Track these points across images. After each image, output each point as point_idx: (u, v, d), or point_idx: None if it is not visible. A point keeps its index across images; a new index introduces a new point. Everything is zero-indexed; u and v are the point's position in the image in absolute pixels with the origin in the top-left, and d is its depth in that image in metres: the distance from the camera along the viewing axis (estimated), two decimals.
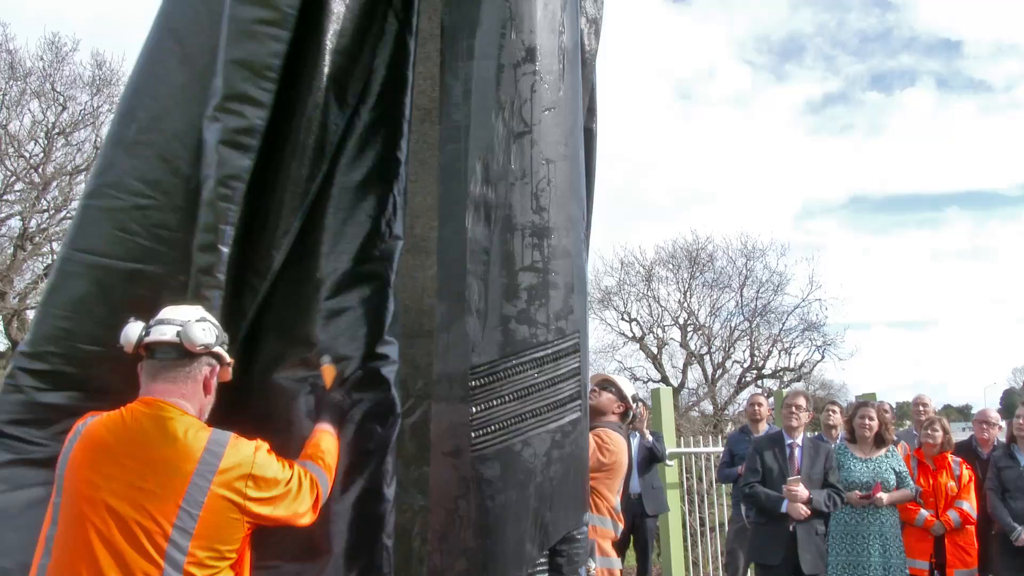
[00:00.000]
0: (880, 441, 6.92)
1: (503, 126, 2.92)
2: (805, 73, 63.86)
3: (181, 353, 2.60)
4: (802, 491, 6.39)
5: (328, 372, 2.95)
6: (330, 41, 3.01)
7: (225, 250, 2.80)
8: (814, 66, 64.18)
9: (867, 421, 6.92)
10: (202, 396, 2.66)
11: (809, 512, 6.39)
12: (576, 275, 2.99)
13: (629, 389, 5.39)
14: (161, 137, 2.92)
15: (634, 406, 5.29)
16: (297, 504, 2.62)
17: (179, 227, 2.87)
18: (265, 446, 2.62)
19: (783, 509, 6.43)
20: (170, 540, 2.40)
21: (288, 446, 2.76)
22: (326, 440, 2.82)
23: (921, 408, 8.51)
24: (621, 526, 4.83)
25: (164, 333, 2.60)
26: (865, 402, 7.83)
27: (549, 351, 2.88)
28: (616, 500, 4.76)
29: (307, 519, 2.66)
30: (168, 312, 2.66)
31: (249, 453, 2.54)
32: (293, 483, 2.61)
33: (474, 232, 2.86)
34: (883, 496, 6.60)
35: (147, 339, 2.61)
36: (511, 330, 2.83)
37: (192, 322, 2.62)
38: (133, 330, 2.64)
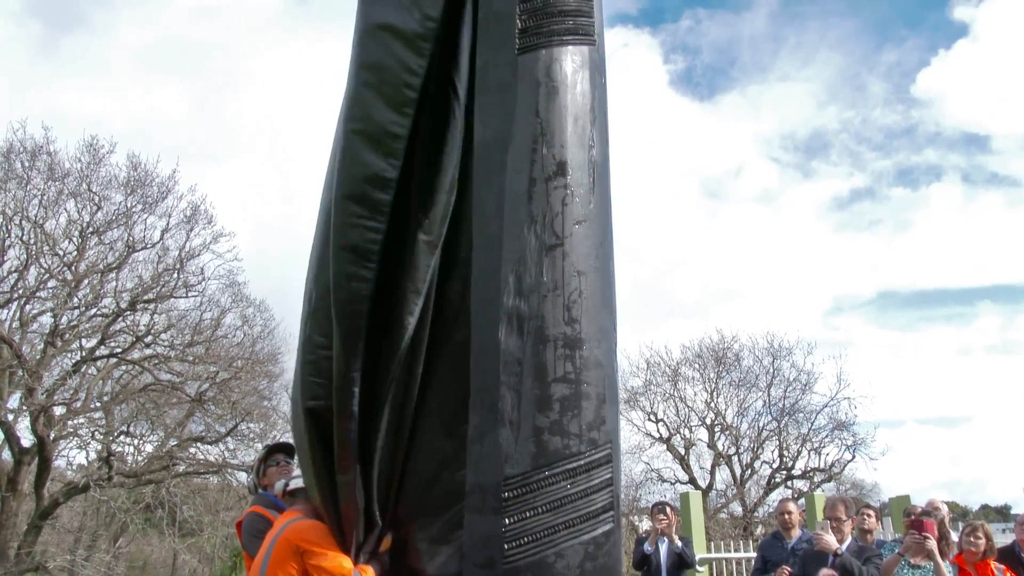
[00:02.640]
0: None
1: (535, 239, 2.98)
2: (831, 169, 64.42)
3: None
4: (830, 538, 6.70)
5: (386, 543, 3.54)
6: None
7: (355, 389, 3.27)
8: (839, 162, 64.76)
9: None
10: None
11: (835, 546, 6.65)
12: (608, 385, 3.01)
13: None
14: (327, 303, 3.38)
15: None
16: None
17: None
18: (323, 527, 3.62)
19: None
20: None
21: None
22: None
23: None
24: None
25: (299, 482, 4.13)
26: (928, 511, 7.60)
27: (582, 462, 2.88)
28: None
29: None
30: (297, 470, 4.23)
31: (308, 524, 3.75)
32: (334, 557, 3.55)
33: (507, 343, 2.89)
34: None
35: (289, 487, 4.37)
36: (544, 441, 2.84)
37: None
38: (279, 484, 4.57)
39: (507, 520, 2.79)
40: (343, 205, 3.28)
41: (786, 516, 8.51)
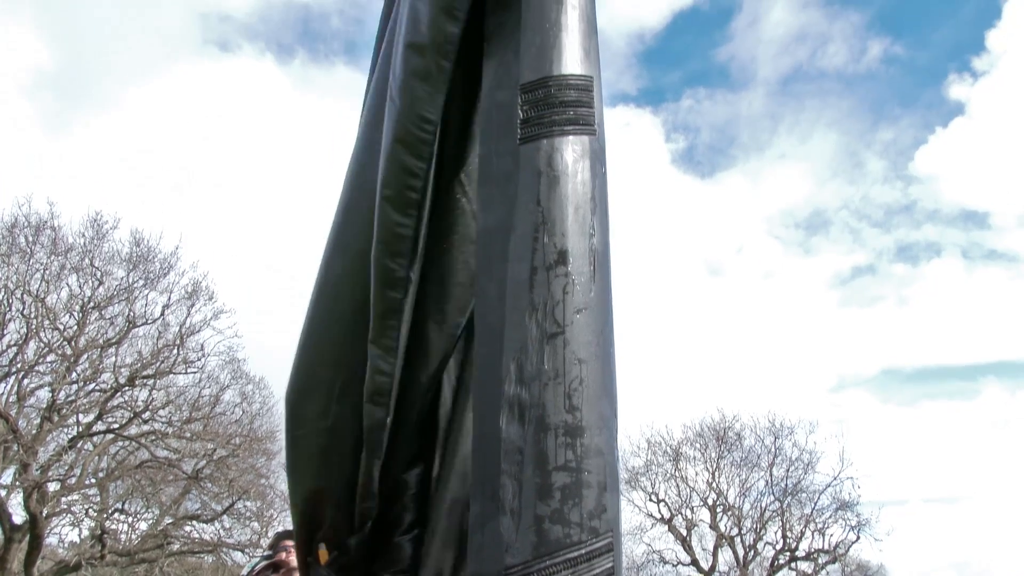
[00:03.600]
0: None
1: (536, 327, 3.02)
2: (831, 246, 65.04)
3: None
4: None
5: (323, 555, 3.28)
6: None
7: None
8: (840, 239, 65.39)
9: None
10: None
11: None
12: (609, 473, 2.99)
13: None
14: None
15: None
16: None
17: None
18: None
19: None
20: None
21: None
22: None
23: None
24: None
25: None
26: None
27: (583, 551, 2.86)
28: None
29: None
30: None
31: None
32: None
33: (508, 432, 2.90)
34: None
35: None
36: (545, 530, 2.82)
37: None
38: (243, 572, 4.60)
39: None
40: (372, 303, 3.40)
41: None
